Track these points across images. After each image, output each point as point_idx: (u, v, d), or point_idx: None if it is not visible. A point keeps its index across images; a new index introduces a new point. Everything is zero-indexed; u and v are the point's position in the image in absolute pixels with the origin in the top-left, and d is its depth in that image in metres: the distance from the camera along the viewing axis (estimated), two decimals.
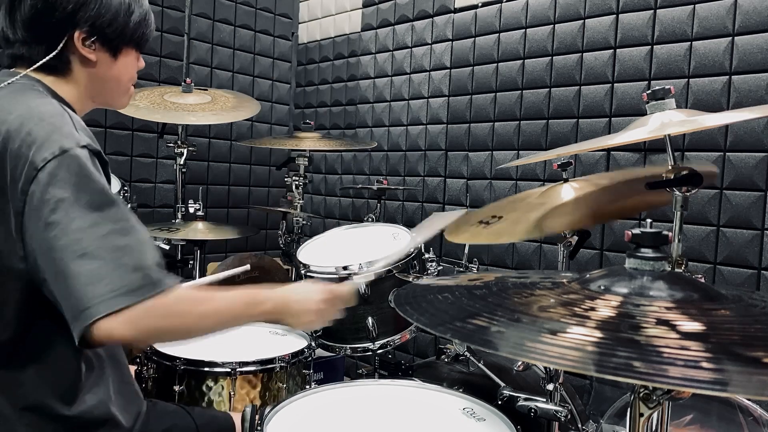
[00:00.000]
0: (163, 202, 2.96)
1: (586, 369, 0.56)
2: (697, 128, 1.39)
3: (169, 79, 2.93)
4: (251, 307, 1.12)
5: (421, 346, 2.76)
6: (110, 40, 1.17)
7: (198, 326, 1.07)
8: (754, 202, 1.88)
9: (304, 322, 1.20)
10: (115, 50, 1.19)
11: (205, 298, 1.08)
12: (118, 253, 0.96)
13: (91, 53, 1.15)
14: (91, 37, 1.14)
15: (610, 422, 1.45)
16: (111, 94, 1.25)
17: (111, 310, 0.93)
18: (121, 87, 1.25)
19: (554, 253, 2.31)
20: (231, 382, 1.47)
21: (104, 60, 1.18)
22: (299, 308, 1.17)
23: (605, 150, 2.20)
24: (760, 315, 0.71)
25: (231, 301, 1.09)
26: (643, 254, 0.75)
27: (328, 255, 1.88)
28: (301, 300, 1.18)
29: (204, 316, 1.06)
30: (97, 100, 1.23)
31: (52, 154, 0.98)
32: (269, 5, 3.38)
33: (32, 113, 1.03)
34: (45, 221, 0.95)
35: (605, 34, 2.20)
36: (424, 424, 1.15)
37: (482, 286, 0.85)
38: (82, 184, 0.98)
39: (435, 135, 2.78)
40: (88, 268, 0.93)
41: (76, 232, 0.95)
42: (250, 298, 1.12)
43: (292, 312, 1.17)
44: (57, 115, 1.04)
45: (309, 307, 1.18)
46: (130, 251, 0.97)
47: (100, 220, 0.97)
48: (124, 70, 1.22)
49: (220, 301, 1.09)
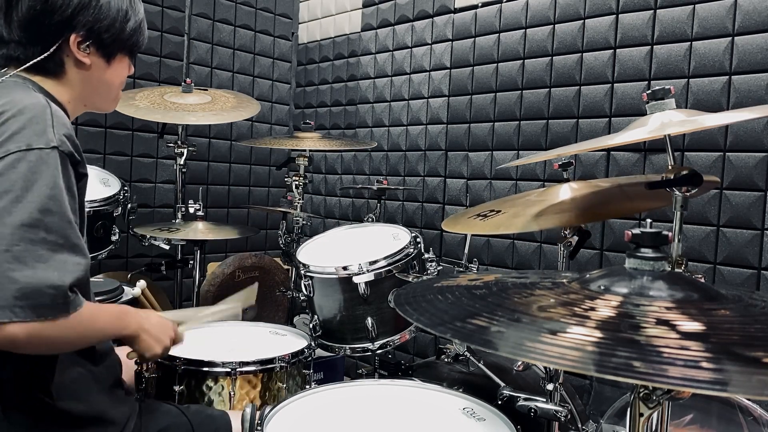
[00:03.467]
0: (163, 202, 2.96)
1: (586, 369, 0.56)
2: (697, 128, 1.39)
3: (169, 79, 2.93)
4: (119, 329, 1.17)
5: (421, 346, 2.76)
6: (106, 45, 1.18)
7: (83, 341, 1.10)
8: (754, 202, 1.88)
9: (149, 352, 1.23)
10: (109, 56, 1.20)
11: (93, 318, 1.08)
12: (41, 263, 0.94)
13: (86, 57, 1.15)
14: (86, 41, 1.14)
15: (610, 422, 1.45)
16: (101, 98, 1.25)
17: (17, 320, 0.91)
18: (112, 92, 1.26)
19: (554, 253, 2.31)
20: (231, 382, 1.47)
21: (98, 64, 1.18)
22: (149, 342, 1.22)
23: (605, 150, 2.20)
24: (760, 315, 0.71)
25: (108, 319, 1.14)
26: (643, 254, 0.75)
27: (328, 255, 1.89)
28: (153, 335, 1.22)
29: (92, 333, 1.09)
30: (88, 103, 1.24)
31: (17, 147, 0.98)
32: (269, 5, 3.38)
33: (14, 105, 1.02)
34: None
35: (605, 34, 2.20)
36: (424, 424, 1.15)
37: (482, 286, 0.85)
38: (35, 183, 0.97)
39: (435, 135, 2.78)
40: (6, 267, 0.92)
41: (8, 227, 0.93)
42: (120, 321, 1.17)
43: (142, 341, 1.21)
44: (38, 108, 1.03)
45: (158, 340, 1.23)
46: (53, 266, 0.95)
47: (37, 224, 0.95)
48: (116, 76, 1.23)
49: (104, 319, 1.13)
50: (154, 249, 2.43)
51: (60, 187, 0.99)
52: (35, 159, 0.98)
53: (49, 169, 0.98)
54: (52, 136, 1.01)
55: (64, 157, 1.02)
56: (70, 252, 0.98)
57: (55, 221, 0.97)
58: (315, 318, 1.82)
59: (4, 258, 0.91)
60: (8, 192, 0.95)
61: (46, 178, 0.98)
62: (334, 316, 1.79)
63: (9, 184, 0.95)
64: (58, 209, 0.98)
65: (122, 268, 2.73)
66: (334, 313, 1.79)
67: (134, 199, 2.40)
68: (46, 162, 0.98)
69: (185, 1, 2.97)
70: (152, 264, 2.49)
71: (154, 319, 1.26)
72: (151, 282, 2.47)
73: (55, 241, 0.96)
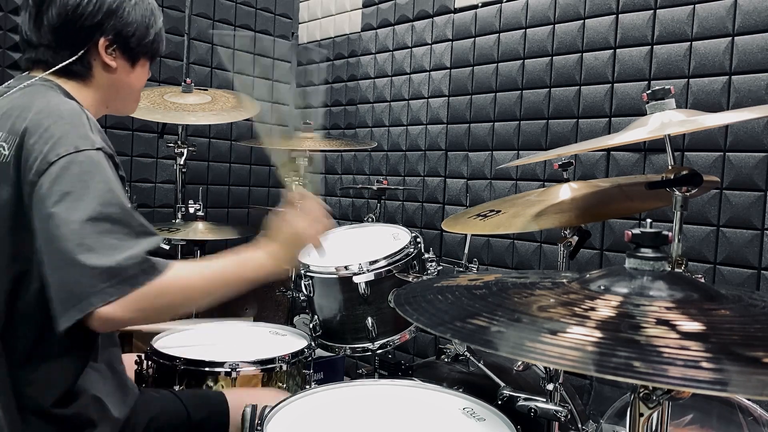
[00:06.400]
0: (163, 202, 2.96)
1: (586, 369, 0.56)
2: (697, 128, 1.39)
3: (169, 79, 2.93)
4: (242, 267, 1.15)
5: (421, 346, 2.76)
6: (131, 49, 1.22)
7: (193, 300, 1.11)
8: (754, 202, 1.88)
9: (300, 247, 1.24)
10: (133, 59, 1.24)
11: (195, 272, 1.10)
12: (113, 250, 0.98)
13: (113, 60, 1.19)
14: (113, 44, 1.18)
15: (610, 422, 1.45)
16: (123, 101, 1.29)
17: (108, 300, 0.95)
18: (133, 94, 1.30)
19: (554, 253, 2.31)
20: (231, 382, 1.47)
21: (123, 68, 1.22)
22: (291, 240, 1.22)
23: (605, 150, 2.20)
24: (760, 315, 0.71)
25: (221, 266, 1.13)
26: (643, 254, 0.75)
27: (328, 255, 1.88)
28: (288, 234, 1.22)
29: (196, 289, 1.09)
30: (111, 105, 1.27)
31: (66, 150, 1.01)
32: (269, 5, 3.38)
33: (52, 111, 1.06)
34: (48, 212, 0.98)
35: (605, 34, 2.20)
36: (424, 424, 1.15)
37: (482, 286, 0.85)
38: (92, 180, 1.01)
39: (435, 135, 2.78)
40: (84, 259, 0.95)
41: (76, 223, 0.97)
42: (239, 259, 1.15)
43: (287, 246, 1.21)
44: (76, 114, 1.07)
45: (300, 233, 1.23)
46: (127, 247, 0.99)
47: (102, 217, 0.99)
48: (138, 79, 1.28)
49: (211, 270, 1.12)
50: None
51: (113, 181, 1.04)
52: (85, 159, 1.02)
53: (100, 166, 1.03)
54: (95, 139, 1.06)
55: (109, 158, 1.07)
56: (138, 236, 1.02)
57: (117, 211, 1.01)
58: (315, 318, 1.82)
59: (78, 251, 0.96)
60: (69, 193, 0.99)
61: (100, 174, 1.02)
62: (334, 316, 1.79)
63: (68, 185, 0.99)
64: (117, 201, 1.02)
65: None
66: (334, 313, 1.79)
67: (134, 199, 2.41)
68: (95, 161, 1.03)
69: (185, 1, 2.97)
70: None
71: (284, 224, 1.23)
72: None
73: (122, 230, 1.00)
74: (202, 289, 1.10)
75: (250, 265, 1.16)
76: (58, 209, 0.97)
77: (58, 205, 0.98)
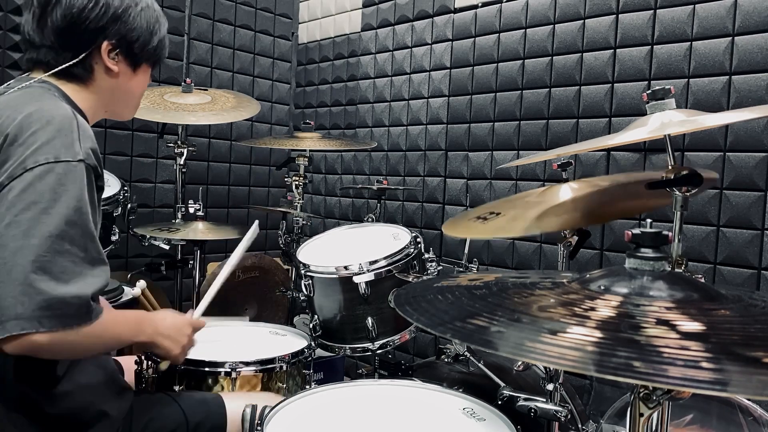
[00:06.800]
0: (163, 202, 2.96)
1: (586, 369, 0.56)
2: (697, 128, 1.39)
3: (169, 79, 2.93)
4: (135, 335, 1.19)
5: (421, 346, 2.76)
6: (134, 54, 1.22)
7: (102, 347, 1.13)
8: (754, 202, 1.88)
9: (169, 355, 1.29)
10: (135, 65, 1.24)
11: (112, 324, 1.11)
12: (66, 275, 0.96)
13: (115, 64, 1.19)
14: (116, 49, 1.18)
15: (610, 422, 1.45)
16: (122, 106, 1.29)
17: (39, 330, 0.93)
18: (133, 100, 1.30)
19: (554, 253, 2.31)
20: (231, 382, 1.47)
21: (125, 72, 1.22)
22: (166, 344, 1.26)
23: (605, 150, 2.20)
24: (760, 315, 0.71)
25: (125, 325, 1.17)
26: (643, 254, 0.75)
27: (328, 255, 1.88)
28: (171, 337, 1.27)
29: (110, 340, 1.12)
30: (110, 109, 1.27)
31: (46, 159, 0.99)
32: (269, 5, 3.38)
33: (42, 115, 1.04)
34: (12, 218, 0.96)
35: (605, 34, 2.20)
36: (424, 424, 1.15)
37: (482, 286, 0.85)
38: (64, 194, 0.99)
39: (435, 135, 2.78)
40: (34, 280, 0.93)
41: (37, 238, 0.95)
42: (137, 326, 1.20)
43: (159, 345, 1.25)
44: (66, 121, 1.05)
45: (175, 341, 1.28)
46: (77, 277, 0.98)
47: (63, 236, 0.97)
48: (139, 85, 1.28)
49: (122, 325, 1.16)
50: (154, 249, 2.43)
51: (85, 201, 1.01)
52: (63, 171, 1.00)
53: (76, 181, 1.01)
54: (79, 149, 1.03)
55: (89, 170, 1.04)
56: (92, 264, 1.00)
57: (79, 234, 0.99)
58: (315, 318, 1.82)
59: (31, 268, 0.93)
60: (36, 203, 0.97)
61: (73, 190, 1.00)
62: (334, 316, 1.79)
63: (37, 195, 0.97)
64: (82, 222, 1.00)
65: (122, 269, 2.74)
66: (334, 313, 1.79)
67: (134, 199, 2.40)
68: (73, 174, 1.00)
69: (185, 1, 2.98)
70: (152, 264, 2.49)
71: (169, 320, 1.28)
72: (151, 282, 2.47)
73: (78, 254, 0.98)
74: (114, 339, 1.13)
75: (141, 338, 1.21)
76: (22, 217, 0.95)
77: (24, 213, 0.96)
